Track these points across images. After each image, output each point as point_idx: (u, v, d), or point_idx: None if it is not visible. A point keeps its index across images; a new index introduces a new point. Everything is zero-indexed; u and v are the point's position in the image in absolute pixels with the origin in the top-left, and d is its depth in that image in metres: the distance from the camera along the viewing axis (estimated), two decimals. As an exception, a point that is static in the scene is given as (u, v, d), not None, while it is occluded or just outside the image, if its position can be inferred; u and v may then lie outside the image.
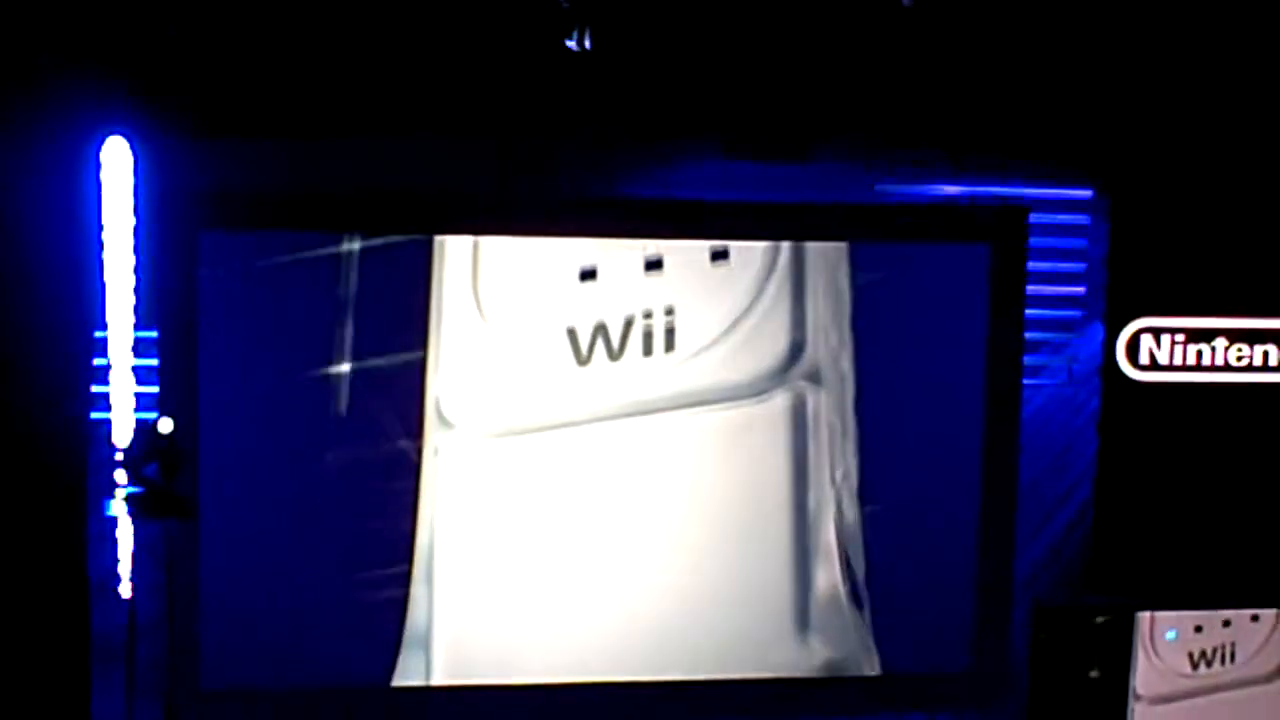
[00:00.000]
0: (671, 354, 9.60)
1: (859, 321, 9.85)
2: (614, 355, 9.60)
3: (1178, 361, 10.07)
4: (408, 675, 9.62)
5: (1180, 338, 10.06)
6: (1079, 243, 10.04)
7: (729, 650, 9.76)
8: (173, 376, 9.37)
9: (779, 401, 9.75)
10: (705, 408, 9.63)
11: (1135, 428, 10.08)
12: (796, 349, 9.73)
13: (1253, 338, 10.09)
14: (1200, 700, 9.93)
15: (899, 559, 9.99)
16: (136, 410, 9.25)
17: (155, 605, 9.29)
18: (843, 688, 10.05)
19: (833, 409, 9.77)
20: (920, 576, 10.01)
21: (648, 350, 9.63)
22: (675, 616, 9.72)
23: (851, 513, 9.82)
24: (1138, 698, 9.87)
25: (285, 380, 9.51)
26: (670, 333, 9.62)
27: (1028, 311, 10.00)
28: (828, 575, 9.80)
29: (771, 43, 9.11)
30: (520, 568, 9.60)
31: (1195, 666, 9.89)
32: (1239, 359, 10.09)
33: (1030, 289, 9.99)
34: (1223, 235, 9.95)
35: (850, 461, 9.78)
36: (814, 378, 9.74)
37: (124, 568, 9.29)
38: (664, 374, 9.62)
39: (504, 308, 9.57)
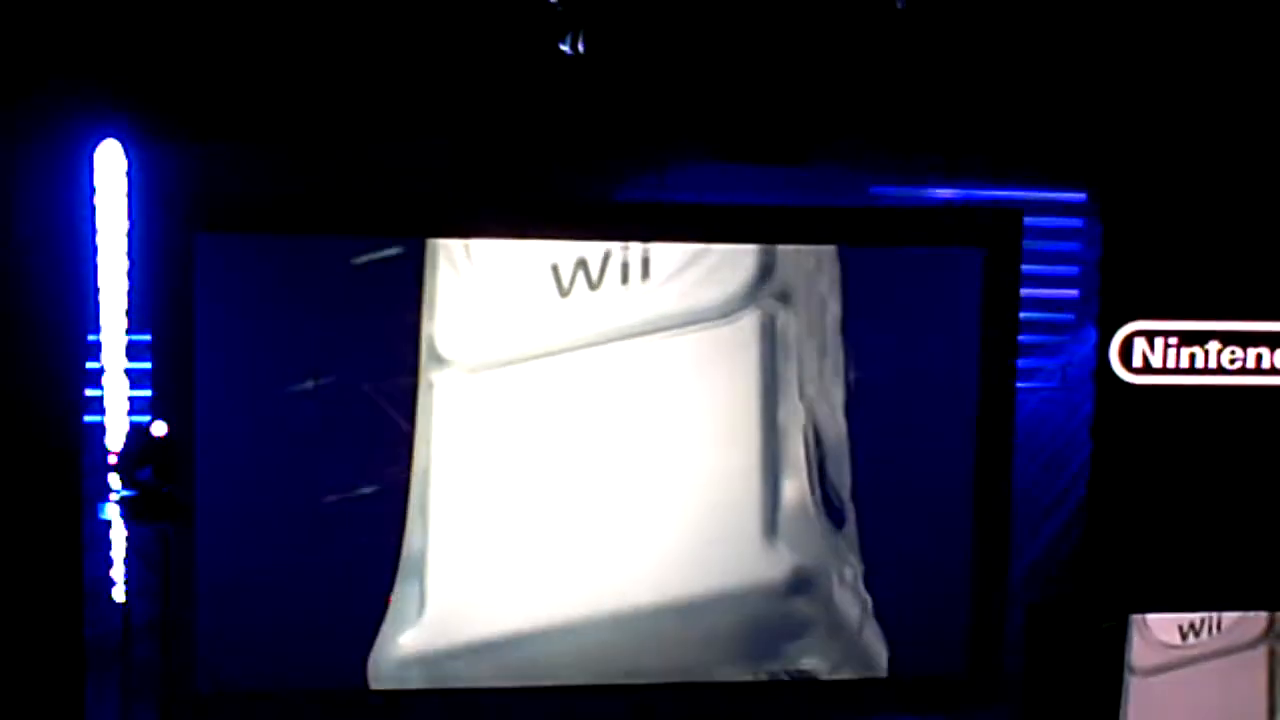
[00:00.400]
0: (647, 281, 9.72)
1: (852, 324, 9.88)
2: (593, 285, 9.70)
3: (1171, 364, 10.07)
4: (404, 604, 9.64)
5: (1173, 340, 10.07)
6: (1073, 246, 10.06)
7: (702, 557, 9.80)
8: (167, 379, 9.36)
9: (748, 321, 9.81)
10: (679, 330, 9.75)
11: (1129, 430, 10.08)
12: (766, 270, 9.79)
13: (1245, 340, 10.10)
14: (1189, 670, 9.99)
15: (894, 562, 10.00)
16: (130, 414, 9.25)
17: (149, 608, 9.31)
18: (838, 689, 10.06)
19: (804, 328, 9.83)
20: (915, 580, 10.01)
21: (624, 279, 9.72)
22: (653, 529, 9.79)
23: (830, 429, 9.91)
24: (1131, 671, 9.92)
25: (280, 382, 9.50)
26: (646, 262, 9.72)
27: (1021, 314, 10.01)
28: (796, 485, 9.86)
29: (765, 46, 9.11)
30: (508, 492, 9.70)
31: (1184, 637, 9.95)
32: (1232, 361, 10.10)
33: (1024, 292, 10.00)
34: (1216, 238, 9.97)
35: (831, 381, 9.86)
36: (783, 298, 9.81)
37: (118, 571, 9.29)
38: (640, 300, 9.74)
39: (491, 251, 9.67)
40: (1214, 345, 10.09)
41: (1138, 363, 10.06)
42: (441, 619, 9.71)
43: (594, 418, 9.74)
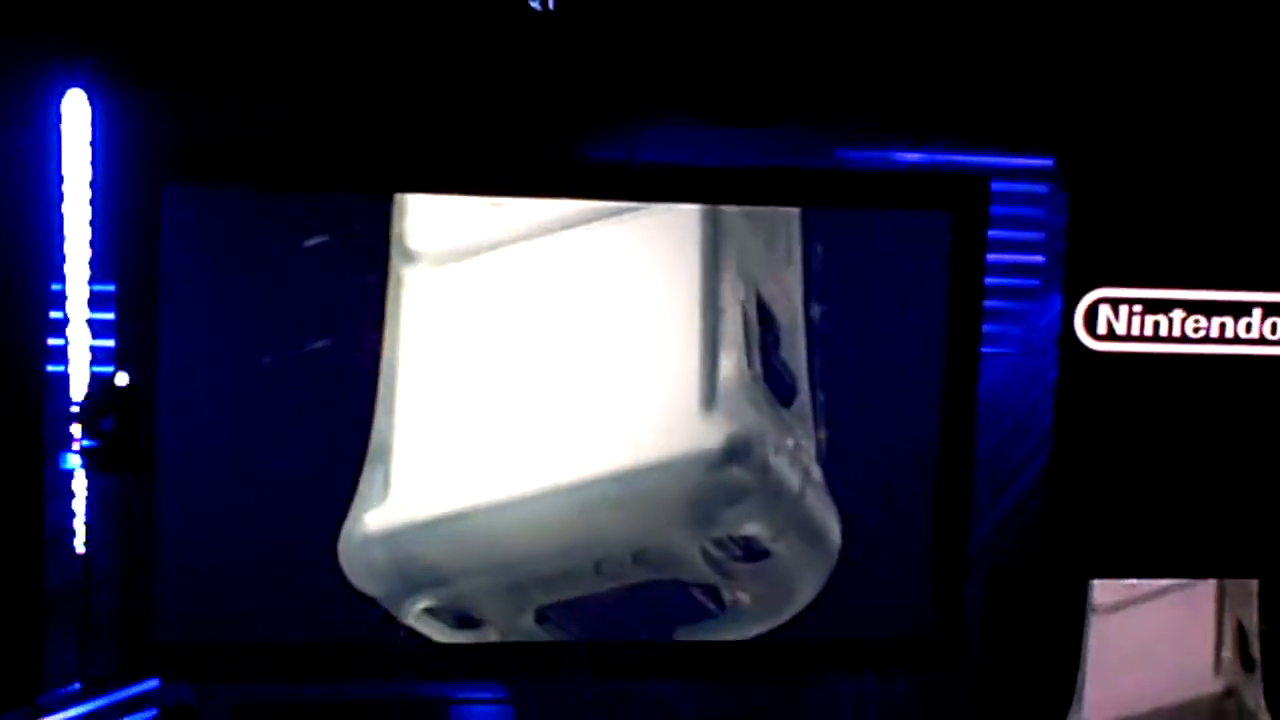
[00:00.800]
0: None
1: (815, 288, 9.90)
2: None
3: (1135, 332, 10.10)
4: (370, 489, 9.71)
5: (1138, 309, 10.09)
6: (1038, 212, 10.07)
7: (646, 428, 9.87)
8: (131, 331, 9.36)
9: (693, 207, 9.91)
10: (625, 215, 9.84)
11: (1092, 397, 10.12)
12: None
13: (1210, 309, 10.13)
14: (1146, 604, 10.19)
15: (854, 523, 10.04)
16: (93, 364, 9.25)
17: (110, 559, 9.34)
18: (796, 650, 10.11)
19: (751, 222, 9.94)
20: (874, 542, 10.06)
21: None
22: (599, 405, 9.87)
23: (782, 308, 10.02)
24: (1094, 609, 10.07)
25: (245, 335, 9.52)
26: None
27: (986, 280, 10.03)
28: (732, 358, 9.90)
29: (733, 9, 9.11)
30: (466, 377, 9.81)
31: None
32: (1196, 330, 10.13)
33: (989, 257, 10.02)
34: (1183, 206, 9.98)
35: (783, 267, 9.96)
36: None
37: (79, 521, 9.30)
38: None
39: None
40: (1178, 313, 10.12)
41: (1102, 329, 10.09)
42: (404, 498, 9.76)
43: (546, 304, 9.85)
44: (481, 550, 9.88)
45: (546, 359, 9.86)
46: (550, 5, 8.74)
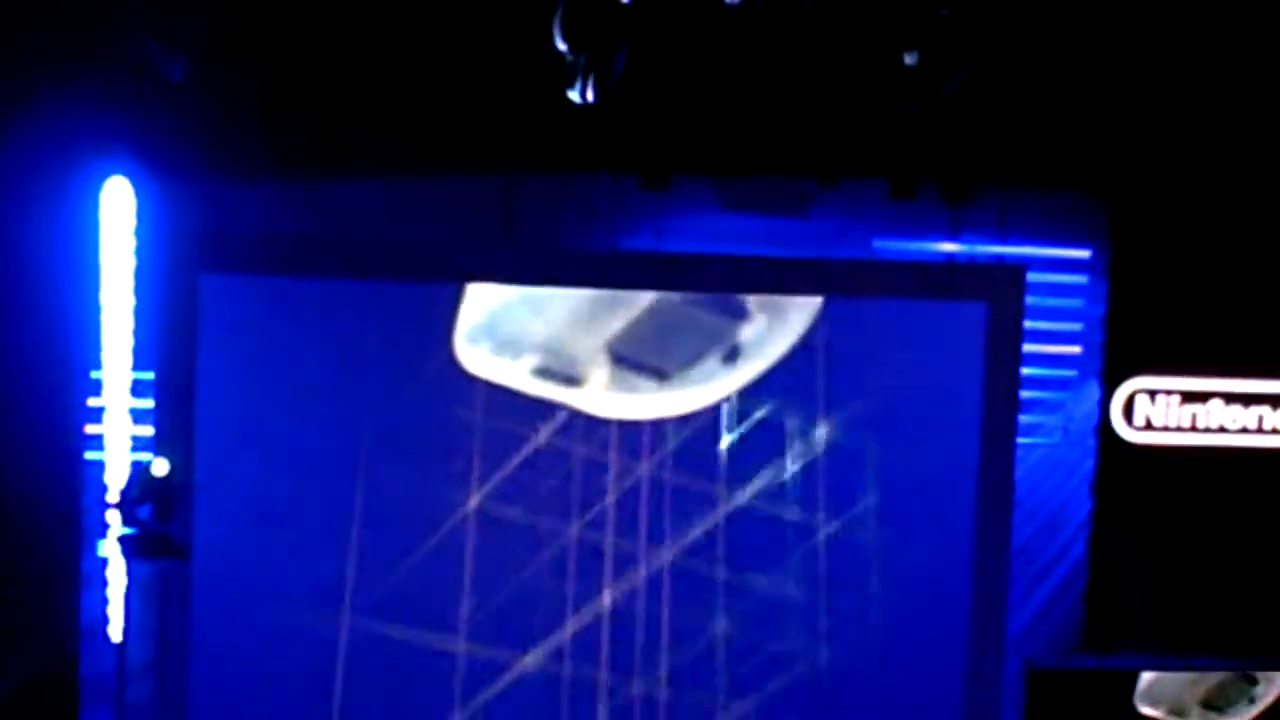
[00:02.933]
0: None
1: (850, 377, 9.91)
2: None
3: (1172, 424, 10.08)
4: None
5: (1175, 400, 10.08)
6: (1076, 302, 10.06)
7: None
8: (169, 418, 9.37)
9: None
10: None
11: (1130, 488, 10.08)
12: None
13: (1247, 400, 10.11)
14: None
15: (892, 614, 9.98)
16: (132, 451, 9.24)
17: (144, 648, 9.29)
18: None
19: None
20: (913, 632, 9.99)
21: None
22: None
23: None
24: None
25: (283, 422, 9.50)
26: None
27: (1023, 369, 10.02)
28: None
29: (771, 98, 9.13)
30: None
31: None
32: (1233, 421, 10.11)
33: (1026, 348, 10.01)
34: (1221, 296, 9.97)
35: None
36: None
37: (114, 609, 9.26)
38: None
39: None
40: (1216, 404, 10.10)
41: (1140, 421, 10.06)
42: None
43: None
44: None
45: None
46: (590, 97, 8.73)
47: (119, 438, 9.26)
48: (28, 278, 8.99)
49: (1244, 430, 10.12)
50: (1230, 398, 10.11)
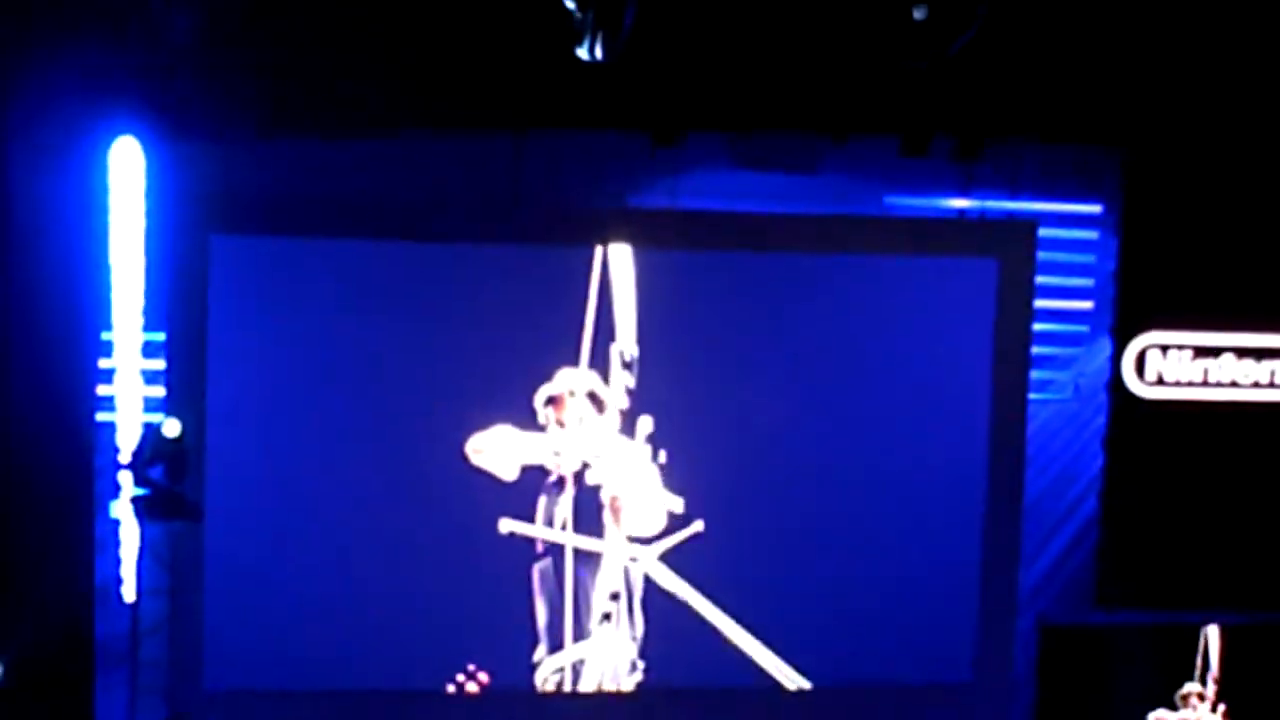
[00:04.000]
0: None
1: (864, 332, 9.91)
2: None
3: (1184, 379, 10.06)
4: None
5: (1187, 354, 10.06)
6: (1087, 257, 10.03)
7: None
8: (180, 379, 9.37)
9: None
10: None
11: (1142, 444, 10.08)
12: None
13: (1259, 354, 10.09)
14: None
15: (904, 571, 10.00)
16: (143, 412, 9.26)
17: (158, 607, 9.33)
18: (847, 696, 10.06)
19: None
20: (924, 589, 10.01)
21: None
22: None
23: None
24: None
25: (294, 382, 9.52)
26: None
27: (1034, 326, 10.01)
28: None
29: (782, 55, 9.10)
30: None
31: None
32: (1245, 376, 10.09)
33: (1037, 303, 10.00)
34: (1233, 250, 9.94)
35: None
36: None
37: (127, 570, 9.30)
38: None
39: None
40: (1228, 358, 10.08)
41: (1151, 376, 10.05)
42: None
43: None
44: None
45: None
46: (598, 54, 8.69)
47: (130, 399, 9.26)
48: (38, 240, 8.96)
49: (1256, 385, 10.12)
50: (1242, 352, 10.10)
